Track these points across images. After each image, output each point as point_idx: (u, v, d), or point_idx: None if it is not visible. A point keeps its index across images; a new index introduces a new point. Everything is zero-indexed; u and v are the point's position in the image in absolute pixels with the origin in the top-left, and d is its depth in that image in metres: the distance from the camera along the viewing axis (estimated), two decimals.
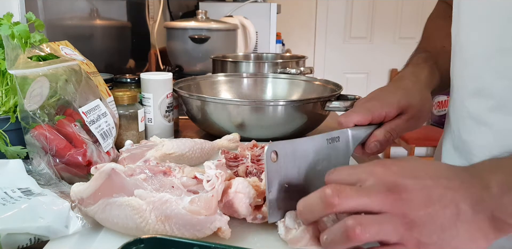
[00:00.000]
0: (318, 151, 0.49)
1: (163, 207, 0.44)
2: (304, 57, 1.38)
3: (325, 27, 3.40)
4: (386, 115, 0.59)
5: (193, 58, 1.57)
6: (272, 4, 1.93)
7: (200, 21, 1.56)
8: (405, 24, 3.38)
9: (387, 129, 0.58)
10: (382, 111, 0.58)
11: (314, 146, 0.49)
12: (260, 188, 0.49)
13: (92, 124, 0.65)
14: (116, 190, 0.47)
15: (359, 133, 0.56)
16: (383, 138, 0.58)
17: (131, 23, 1.53)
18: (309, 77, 1.08)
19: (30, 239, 0.45)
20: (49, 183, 0.56)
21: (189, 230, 0.45)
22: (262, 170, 0.60)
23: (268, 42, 1.95)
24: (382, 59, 3.44)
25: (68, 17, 1.10)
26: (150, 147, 0.67)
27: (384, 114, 0.59)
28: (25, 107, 0.58)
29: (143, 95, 0.83)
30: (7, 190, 0.49)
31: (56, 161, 0.58)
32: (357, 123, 0.57)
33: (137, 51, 1.61)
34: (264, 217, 0.49)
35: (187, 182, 0.50)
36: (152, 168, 0.51)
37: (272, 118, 0.82)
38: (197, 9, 1.87)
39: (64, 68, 0.66)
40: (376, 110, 0.58)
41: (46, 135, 0.58)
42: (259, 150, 0.67)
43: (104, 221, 0.48)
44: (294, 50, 2.98)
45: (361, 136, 0.57)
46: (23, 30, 0.62)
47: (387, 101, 0.60)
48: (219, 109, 0.82)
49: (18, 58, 0.60)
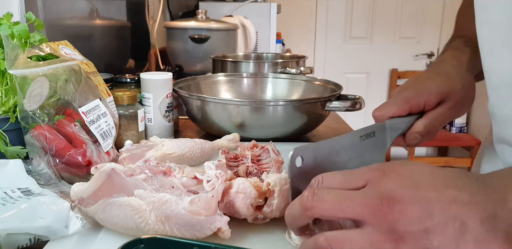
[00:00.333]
0: (350, 150, 0.45)
1: (163, 207, 0.44)
2: (304, 57, 1.38)
3: (325, 27, 3.40)
4: (426, 103, 0.54)
5: (193, 58, 1.56)
6: (272, 4, 1.92)
7: (200, 21, 1.56)
8: (405, 24, 3.38)
9: (428, 119, 0.54)
10: (420, 100, 0.54)
11: (345, 145, 0.45)
12: (261, 188, 0.49)
13: (92, 124, 0.65)
14: (116, 190, 0.47)
15: (397, 124, 0.52)
16: (423, 129, 0.53)
17: (131, 23, 1.53)
18: (309, 77, 1.08)
19: (30, 239, 0.45)
20: (49, 183, 0.56)
21: (189, 231, 0.45)
22: (263, 170, 0.60)
23: (268, 42, 1.95)
24: (382, 59, 3.44)
25: (68, 17, 1.10)
26: (150, 147, 0.67)
27: (423, 103, 0.54)
28: (25, 107, 0.58)
29: (143, 95, 0.83)
30: (7, 190, 0.49)
31: (56, 161, 0.58)
32: (393, 115, 0.53)
33: (137, 51, 1.61)
34: (265, 217, 0.49)
35: (187, 182, 0.50)
36: (152, 168, 0.51)
37: (272, 118, 0.82)
38: (197, 9, 1.87)
39: (64, 68, 0.66)
40: (413, 100, 0.54)
41: (46, 135, 0.58)
42: (259, 150, 0.67)
43: (104, 221, 0.48)
44: (294, 50, 2.98)
45: (400, 127, 0.53)
46: (23, 30, 0.62)
47: (425, 88, 0.55)
48: (219, 109, 0.82)
49: (18, 58, 0.60)
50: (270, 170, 0.60)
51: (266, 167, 0.62)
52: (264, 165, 0.63)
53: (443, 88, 0.54)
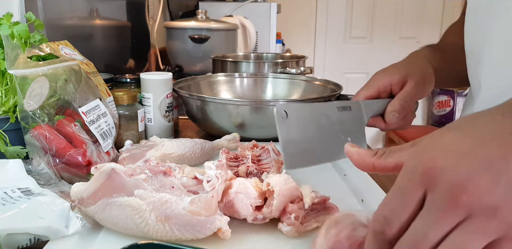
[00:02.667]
0: (329, 116, 0.51)
1: (163, 207, 0.44)
2: (304, 57, 1.38)
3: (325, 27, 3.40)
4: (391, 83, 0.62)
5: (193, 58, 1.56)
6: (272, 4, 1.92)
7: (200, 21, 1.56)
8: (405, 24, 3.38)
9: (399, 98, 0.61)
10: (386, 80, 0.62)
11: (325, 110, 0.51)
12: (261, 188, 0.49)
13: (92, 124, 0.65)
14: (116, 190, 0.47)
15: (371, 103, 0.60)
16: (398, 106, 0.60)
17: (131, 23, 1.53)
18: (309, 77, 1.08)
19: (30, 239, 0.45)
20: (49, 183, 0.56)
21: (189, 231, 0.45)
22: (263, 170, 0.60)
23: (268, 42, 1.95)
24: (382, 59, 3.41)
25: (68, 17, 1.10)
26: (150, 147, 0.67)
27: (389, 83, 0.62)
28: (25, 107, 0.58)
29: (143, 95, 0.83)
30: (7, 190, 0.49)
31: (56, 161, 0.58)
32: (366, 97, 0.61)
33: (137, 51, 1.61)
34: (265, 217, 0.49)
35: (187, 182, 0.50)
36: (152, 168, 0.51)
37: (272, 119, 0.81)
38: (197, 9, 1.86)
39: (64, 68, 0.66)
40: (379, 81, 0.62)
41: (46, 135, 0.58)
42: (260, 150, 0.67)
43: (104, 221, 0.48)
44: (294, 50, 2.97)
45: (373, 106, 0.60)
46: (23, 30, 0.62)
47: (388, 72, 0.64)
48: (219, 109, 0.82)
49: (18, 58, 0.60)
50: (270, 170, 0.60)
51: (266, 167, 0.62)
52: (264, 165, 0.63)
53: (403, 70, 0.63)
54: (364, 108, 0.58)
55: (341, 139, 0.51)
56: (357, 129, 0.54)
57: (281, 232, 0.48)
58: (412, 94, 0.62)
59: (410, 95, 0.62)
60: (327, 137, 0.50)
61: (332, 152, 0.50)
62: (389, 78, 0.62)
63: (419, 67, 0.65)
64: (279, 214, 0.49)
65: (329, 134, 0.50)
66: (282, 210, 0.49)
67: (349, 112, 0.54)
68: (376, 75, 0.64)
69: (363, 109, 0.57)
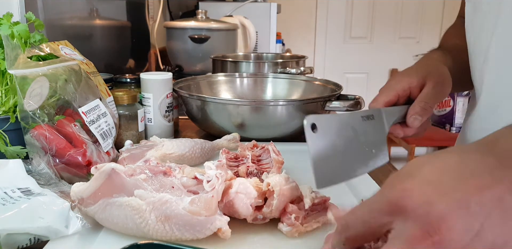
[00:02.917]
0: (355, 127, 0.49)
1: (163, 207, 0.44)
2: (304, 57, 1.38)
3: (325, 27, 3.40)
4: (410, 86, 0.60)
5: (193, 58, 1.56)
6: (272, 4, 1.92)
7: (200, 21, 1.56)
8: (405, 24, 3.38)
9: (419, 100, 0.59)
10: (404, 83, 0.60)
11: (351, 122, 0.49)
12: (261, 188, 0.49)
13: (92, 124, 0.65)
14: (116, 190, 0.47)
15: (392, 111, 0.58)
16: (419, 109, 0.59)
17: (131, 23, 1.53)
18: (309, 77, 1.08)
19: (30, 239, 0.45)
20: (49, 183, 0.56)
21: (189, 231, 0.45)
22: (263, 170, 0.60)
23: (268, 42, 1.95)
24: (382, 59, 3.44)
25: (68, 17, 1.10)
26: (150, 147, 0.67)
27: (408, 86, 0.60)
28: (25, 107, 0.58)
29: (143, 95, 0.83)
30: (7, 190, 0.49)
31: (56, 161, 0.58)
32: (386, 103, 0.59)
33: (137, 51, 1.61)
34: (265, 217, 0.49)
35: (187, 182, 0.50)
36: (152, 168, 0.51)
37: (272, 118, 0.82)
38: (197, 9, 1.86)
39: (64, 68, 0.66)
40: (397, 85, 0.60)
41: (46, 135, 0.58)
42: (260, 150, 0.67)
43: (104, 221, 0.48)
44: (294, 50, 2.98)
45: (394, 113, 0.58)
46: (23, 30, 0.62)
47: (406, 74, 0.62)
48: (219, 109, 0.82)
49: (18, 58, 0.60)
50: (271, 170, 0.60)
51: (266, 167, 0.62)
52: (264, 165, 0.63)
53: (421, 71, 0.61)
54: (385, 117, 0.56)
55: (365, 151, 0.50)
56: (379, 140, 0.52)
57: (281, 232, 0.48)
58: (432, 95, 0.60)
59: (430, 97, 0.60)
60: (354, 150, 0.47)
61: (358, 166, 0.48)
62: (408, 81, 0.60)
63: (436, 68, 0.63)
64: (279, 214, 0.49)
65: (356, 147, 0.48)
66: (282, 210, 0.49)
67: (372, 122, 0.52)
68: (394, 79, 0.63)
69: (384, 118, 0.55)
